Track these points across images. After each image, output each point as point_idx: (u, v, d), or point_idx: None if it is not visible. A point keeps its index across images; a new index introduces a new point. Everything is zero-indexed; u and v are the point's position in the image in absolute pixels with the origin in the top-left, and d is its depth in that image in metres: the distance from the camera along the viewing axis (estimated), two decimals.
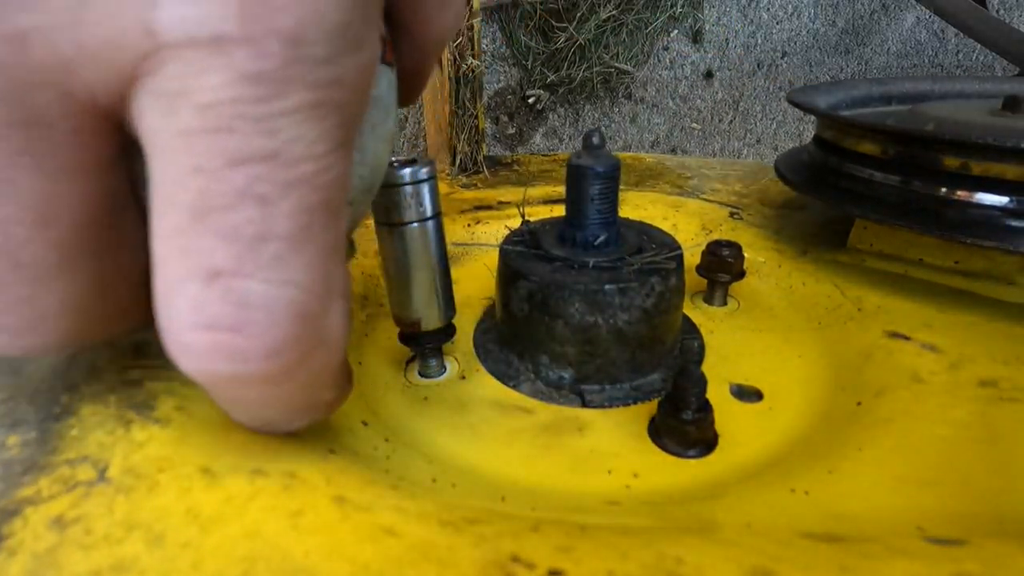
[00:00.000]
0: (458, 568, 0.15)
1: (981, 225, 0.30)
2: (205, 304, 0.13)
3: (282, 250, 0.14)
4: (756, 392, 0.29)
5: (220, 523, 0.15)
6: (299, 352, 0.15)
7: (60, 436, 0.18)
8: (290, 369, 0.15)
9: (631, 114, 0.76)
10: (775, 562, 0.15)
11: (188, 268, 0.13)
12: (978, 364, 0.27)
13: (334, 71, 0.13)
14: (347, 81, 0.14)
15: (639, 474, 0.24)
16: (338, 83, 0.14)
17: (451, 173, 0.56)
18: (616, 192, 0.29)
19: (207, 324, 0.14)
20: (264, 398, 0.16)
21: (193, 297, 0.13)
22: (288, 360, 0.15)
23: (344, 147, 0.14)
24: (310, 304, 0.14)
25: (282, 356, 0.14)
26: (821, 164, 0.39)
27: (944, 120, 0.36)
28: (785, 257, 0.39)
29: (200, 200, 0.13)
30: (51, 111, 0.12)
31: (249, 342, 0.14)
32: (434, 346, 0.30)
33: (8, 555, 0.14)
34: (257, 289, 0.13)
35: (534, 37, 0.63)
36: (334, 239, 0.15)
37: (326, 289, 0.15)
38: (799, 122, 0.89)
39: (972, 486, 0.21)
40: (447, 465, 0.25)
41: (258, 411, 0.17)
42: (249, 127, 0.12)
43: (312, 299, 0.14)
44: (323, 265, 0.15)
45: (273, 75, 0.12)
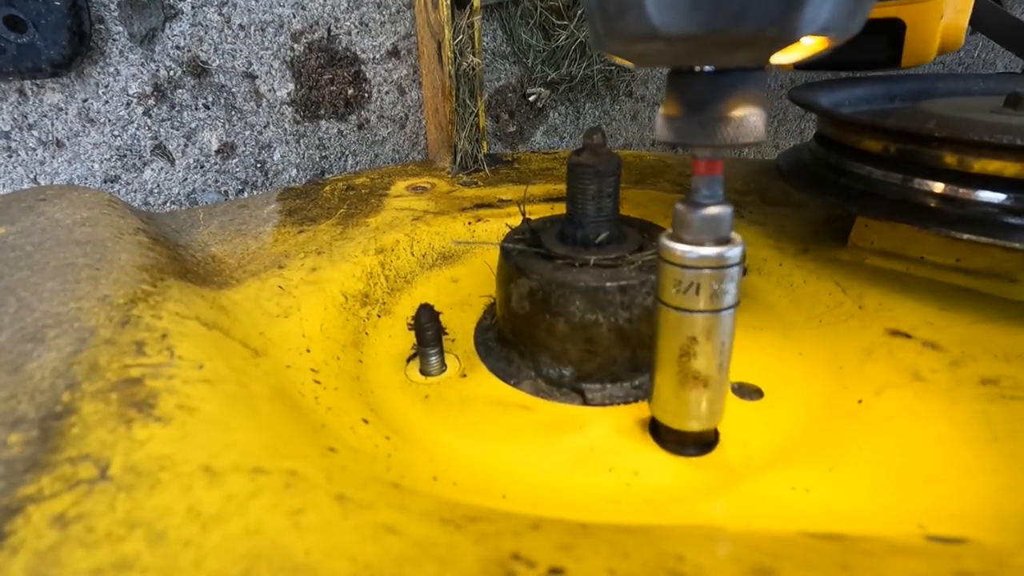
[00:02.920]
0: (459, 566, 0.15)
1: (981, 222, 0.30)
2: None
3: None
4: (756, 390, 0.29)
5: (221, 521, 0.15)
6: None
7: (61, 434, 0.18)
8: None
9: (632, 112, 0.76)
10: (776, 560, 0.15)
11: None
12: (979, 362, 0.27)
13: None
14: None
15: (640, 472, 0.24)
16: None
17: (452, 171, 0.56)
18: (617, 190, 0.29)
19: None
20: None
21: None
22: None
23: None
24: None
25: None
26: (822, 162, 0.39)
27: (945, 118, 0.36)
28: (786, 255, 0.39)
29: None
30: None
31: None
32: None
33: (10, 553, 0.14)
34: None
35: (535, 35, 0.62)
36: None
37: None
38: (800, 120, 0.89)
39: (973, 484, 0.21)
40: (448, 463, 0.25)
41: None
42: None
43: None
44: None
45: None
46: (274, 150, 0.58)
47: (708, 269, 0.21)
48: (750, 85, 0.18)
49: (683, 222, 0.21)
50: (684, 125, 0.19)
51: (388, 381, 0.31)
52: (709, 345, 0.22)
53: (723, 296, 0.21)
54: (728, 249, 0.21)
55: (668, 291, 0.22)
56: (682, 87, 0.19)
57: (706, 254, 0.20)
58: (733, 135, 0.18)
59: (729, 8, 0.15)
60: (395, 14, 0.59)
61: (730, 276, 0.21)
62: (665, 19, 0.16)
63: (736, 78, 0.18)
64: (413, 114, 0.64)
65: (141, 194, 0.54)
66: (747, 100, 0.18)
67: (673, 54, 0.18)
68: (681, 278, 0.21)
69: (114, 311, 0.24)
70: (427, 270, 0.41)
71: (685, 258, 0.21)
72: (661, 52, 0.18)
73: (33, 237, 0.30)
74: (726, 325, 0.22)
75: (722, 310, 0.21)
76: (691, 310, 0.21)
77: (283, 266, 0.36)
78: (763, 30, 0.15)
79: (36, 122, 0.48)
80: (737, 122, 0.18)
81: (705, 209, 0.20)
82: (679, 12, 0.15)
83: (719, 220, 0.20)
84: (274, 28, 0.54)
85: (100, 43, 0.48)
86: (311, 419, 0.25)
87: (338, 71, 0.58)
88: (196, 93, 0.53)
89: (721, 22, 0.15)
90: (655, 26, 0.16)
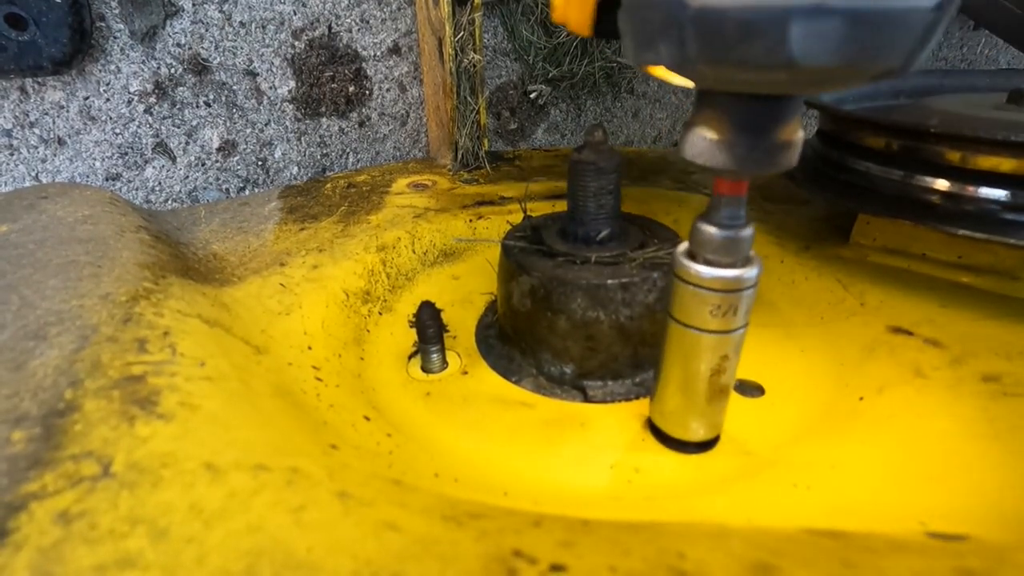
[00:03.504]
0: (460, 563, 0.15)
1: (983, 219, 0.30)
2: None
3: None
4: (758, 387, 0.29)
5: (224, 518, 0.16)
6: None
7: (64, 432, 0.18)
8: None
9: (633, 109, 0.76)
10: (777, 557, 0.15)
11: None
12: (981, 359, 0.27)
13: None
14: None
15: (641, 469, 0.24)
16: None
17: (453, 168, 0.56)
18: (618, 187, 0.29)
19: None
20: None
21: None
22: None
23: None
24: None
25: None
26: (824, 159, 0.39)
27: (947, 114, 0.36)
28: (787, 252, 0.39)
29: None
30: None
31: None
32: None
33: (14, 549, 0.14)
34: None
35: (536, 32, 0.62)
36: None
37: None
38: (802, 116, 0.89)
39: (974, 481, 0.21)
40: (449, 460, 0.25)
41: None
42: None
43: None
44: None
45: None
46: (275, 148, 0.58)
47: (724, 291, 0.20)
48: (800, 108, 0.17)
49: (703, 242, 0.20)
50: (737, 151, 0.17)
51: (389, 378, 0.31)
52: (718, 364, 0.22)
53: (736, 317, 0.21)
54: (746, 271, 0.20)
55: (680, 308, 0.21)
56: (737, 111, 0.17)
57: (724, 275, 0.20)
58: (786, 161, 0.18)
59: (875, 43, 0.14)
60: (396, 11, 0.58)
61: (745, 298, 0.21)
62: (808, 51, 0.14)
63: (796, 102, 0.17)
64: (414, 111, 0.64)
65: (143, 192, 0.54)
66: (798, 124, 0.18)
67: (788, 84, 0.16)
68: (695, 297, 0.21)
69: (116, 309, 0.24)
70: (428, 267, 0.41)
71: (701, 278, 0.20)
72: (775, 82, 0.16)
73: (35, 235, 0.30)
74: (736, 344, 0.22)
75: (734, 330, 0.21)
76: (703, 329, 0.21)
77: (284, 264, 0.36)
78: (890, 64, 0.14)
79: (37, 120, 0.48)
80: (789, 147, 0.17)
81: (728, 231, 0.20)
82: (827, 45, 0.14)
83: (741, 243, 0.20)
84: (275, 25, 0.54)
85: (101, 41, 0.48)
86: (313, 416, 0.25)
87: (339, 68, 0.58)
88: (197, 91, 0.53)
89: (864, 56, 0.14)
90: (794, 58, 0.14)
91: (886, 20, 0.14)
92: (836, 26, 0.14)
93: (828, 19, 0.14)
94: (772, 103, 0.17)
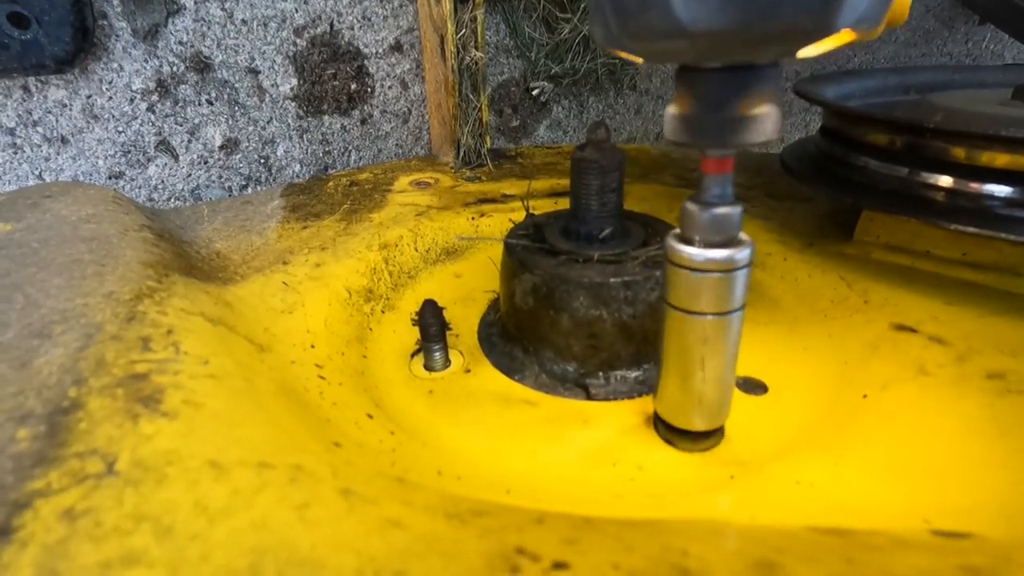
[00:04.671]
0: (463, 560, 0.15)
1: (988, 216, 0.30)
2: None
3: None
4: (761, 385, 0.29)
5: (228, 515, 0.16)
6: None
7: (69, 429, 0.18)
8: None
9: (636, 105, 0.75)
10: (780, 554, 0.15)
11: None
12: (985, 356, 0.27)
13: None
14: None
15: (644, 466, 0.24)
16: None
17: (455, 166, 0.56)
18: (621, 185, 0.29)
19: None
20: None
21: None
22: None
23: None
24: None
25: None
26: (827, 155, 0.39)
27: (951, 110, 0.36)
28: (791, 249, 0.39)
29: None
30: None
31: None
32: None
33: (20, 547, 0.14)
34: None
35: (538, 28, 0.62)
36: None
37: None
38: (805, 113, 0.88)
39: (978, 479, 0.21)
40: (452, 458, 0.25)
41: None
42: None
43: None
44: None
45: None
46: (277, 145, 0.58)
47: (717, 272, 0.20)
48: (767, 82, 0.18)
49: (692, 223, 0.20)
50: (698, 125, 0.18)
51: (392, 376, 0.31)
52: (716, 348, 0.22)
53: (731, 299, 0.21)
54: (737, 251, 0.20)
55: (675, 293, 0.21)
56: (695, 85, 0.18)
57: (715, 256, 0.20)
58: (750, 135, 0.18)
59: (764, 3, 0.14)
60: (398, 8, 0.58)
61: (739, 279, 0.21)
62: (693, 15, 0.15)
63: (753, 75, 0.17)
64: (416, 109, 0.64)
65: (145, 190, 0.54)
66: (764, 98, 0.18)
67: (696, 52, 0.17)
68: (689, 281, 0.21)
69: (120, 307, 0.24)
70: (431, 265, 0.41)
71: (693, 261, 0.20)
72: (683, 50, 0.17)
73: (39, 234, 0.30)
74: (733, 328, 0.21)
75: (730, 312, 0.21)
76: (699, 312, 0.21)
77: (287, 262, 0.36)
78: (798, 23, 0.15)
79: (41, 119, 0.49)
80: (754, 121, 0.18)
81: (716, 209, 0.20)
82: (709, 7, 0.14)
83: (730, 221, 0.20)
84: (277, 23, 0.54)
85: (103, 39, 0.48)
86: (316, 414, 0.25)
87: (341, 66, 0.58)
88: (199, 89, 0.53)
89: (754, 16, 0.14)
90: (681, 23, 0.15)
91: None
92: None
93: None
94: (725, 75, 0.17)
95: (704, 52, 0.17)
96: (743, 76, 0.17)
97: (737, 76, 0.17)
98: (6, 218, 0.32)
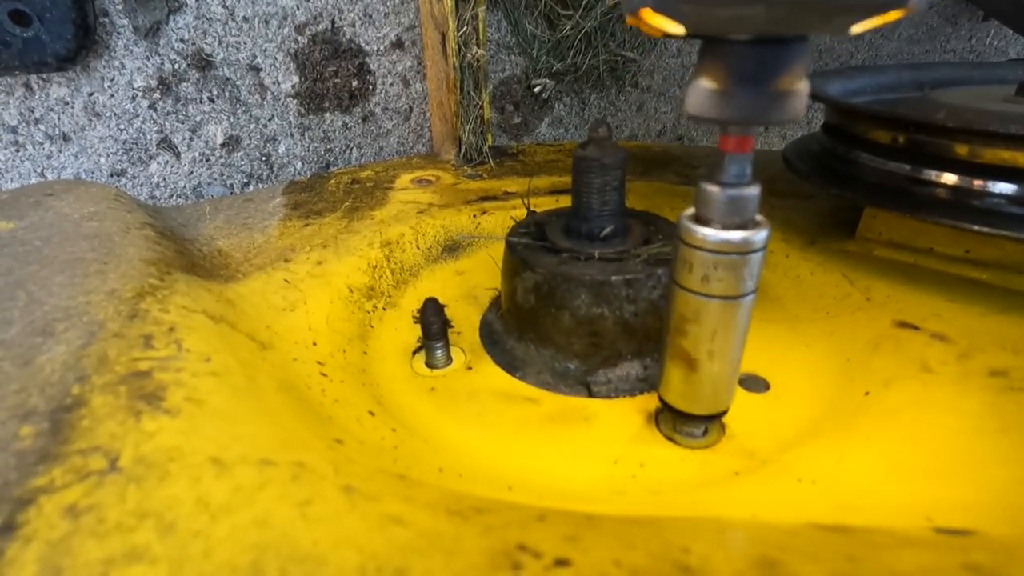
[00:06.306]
0: (465, 557, 0.15)
1: (991, 213, 0.30)
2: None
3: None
4: (763, 382, 0.29)
5: (230, 512, 0.16)
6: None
7: (72, 427, 0.18)
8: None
9: (638, 103, 0.75)
10: (782, 552, 0.15)
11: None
12: (988, 354, 0.26)
13: None
14: None
15: (645, 464, 0.24)
16: None
17: (456, 164, 0.56)
18: (623, 183, 0.29)
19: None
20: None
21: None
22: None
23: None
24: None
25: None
26: (830, 152, 0.39)
27: (954, 107, 0.36)
28: (793, 247, 0.39)
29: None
30: None
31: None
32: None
33: (23, 543, 0.14)
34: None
35: (539, 25, 0.62)
36: None
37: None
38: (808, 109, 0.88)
39: (981, 476, 0.21)
40: (454, 455, 0.25)
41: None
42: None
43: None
44: None
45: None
46: (279, 143, 0.58)
47: (733, 254, 0.20)
48: (803, 57, 0.17)
49: (709, 204, 0.19)
50: (728, 100, 0.17)
51: (394, 374, 0.31)
52: (726, 330, 0.21)
53: (746, 281, 0.20)
54: (755, 233, 0.19)
55: (688, 276, 0.21)
56: (730, 58, 0.17)
57: (732, 238, 0.19)
58: (782, 113, 0.17)
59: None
60: (399, 5, 0.58)
61: (754, 261, 0.20)
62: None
63: (793, 50, 0.16)
64: (417, 106, 0.64)
65: (147, 188, 0.54)
66: (799, 74, 0.17)
67: (765, 20, 0.15)
68: (702, 262, 0.20)
69: (122, 305, 0.24)
70: (432, 263, 0.41)
71: (709, 242, 0.20)
72: (751, 17, 0.15)
73: (41, 232, 0.30)
74: (746, 310, 0.21)
75: (742, 296, 0.20)
76: (710, 295, 0.20)
77: (289, 260, 0.36)
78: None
79: (42, 116, 0.49)
80: (787, 97, 0.17)
81: (733, 190, 0.19)
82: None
83: (748, 202, 0.19)
84: (278, 20, 0.54)
85: (105, 37, 0.48)
86: (318, 411, 0.25)
87: (342, 63, 0.58)
88: (201, 86, 0.53)
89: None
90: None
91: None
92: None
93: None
94: (770, 48, 0.16)
95: (775, 20, 0.15)
96: (783, 50, 0.16)
97: (777, 50, 0.16)
98: (8, 216, 0.32)
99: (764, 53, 0.17)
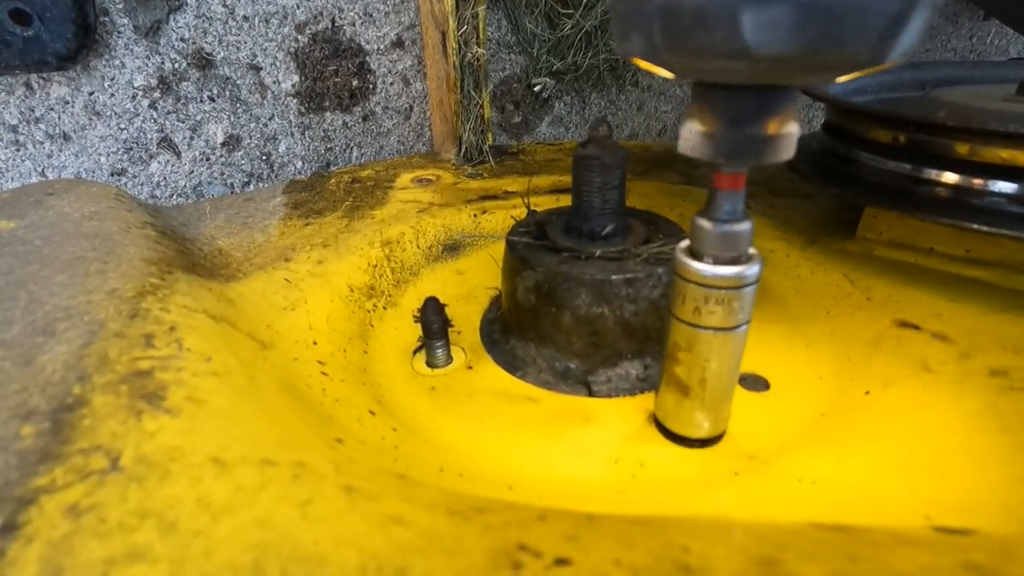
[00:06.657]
0: (466, 556, 0.15)
1: (992, 212, 0.30)
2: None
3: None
4: (763, 381, 0.29)
5: (231, 512, 0.16)
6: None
7: (73, 426, 0.18)
8: None
9: (638, 102, 0.75)
10: (782, 551, 0.15)
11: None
12: (988, 354, 0.26)
13: None
14: None
15: (645, 463, 0.24)
16: None
17: (457, 163, 0.56)
18: (623, 182, 0.29)
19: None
20: None
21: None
22: None
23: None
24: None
25: None
26: (830, 152, 0.39)
27: (955, 106, 0.36)
28: (793, 246, 0.39)
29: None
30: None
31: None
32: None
33: (25, 543, 0.14)
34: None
35: (540, 24, 0.62)
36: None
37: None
38: (808, 109, 0.88)
39: (981, 476, 0.21)
40: (454, 454, 0.25)
41: None
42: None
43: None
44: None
45: None
46: (279, 142, 0.58)
47: (726, 289, 0.20)
48: (793, 101, 0.17)
49: (703, 239, 0.20)
50: (720, 142, 0.18)
51: (394, 373, 0.31)
52: (720, 360, 0.22)
53: (738, 314, 0.21)
54: (747, 268, 0.20)
55: (681, 307, 0.21)
56: (722, 103, 0.17)
57: (725, 273, 0.20)
58: (774, 154, 0.18)
59: (831, 32, 0.14)
60: (399, 4, 0.58)
61: (746, 295, 0.20)
62: (761, 39, 0.14)
63: (783, 95, 0.17)
64: (418, 105, 0.64)
65: (148, 187, 0.54)
66: (789, 117, 0.17)
67: (749, 73, 0.16)
68: (695, 295, 0.21)
69: (123, 304, 0.24)
70: (433, 262, 0.41)
71: (702, 276, 0.20)
72: (736, 71, 0.16)
73: (42, 231, 0.30)
74: (739, 341, 0.22)
75: (735, 328, 0.21)
76: (705, 327, 0.21)
77: (289, 259, 0.36)
78: (858, 55, 0.15)
79: (43, 116, 0.49)
80: (778, 140, 0.17)
81: (726, 226, 0.20)
82: (779, 33, 0.14)
83: (741, 238, 0.20)
84: (278, 19, 0.54)
85: (105, 36, 0.48)
86: (318, 411, 0.25)
87: (342, 62, 0.58)
88: (201, 85, 0.53)
89: (822, 44, 0.14)
90: (747, 46, 0.14)
91: (843, 8, 0.14)
92: (787, 13, 0.14)
93: (778, 7, 0.14)
94: (760, 95, 0.17)
95: (758, 74, 0.16)
96: (774, 96, 0.17)
97: (768, 96, 0.17)
98: (9, 215, 0.32)
99: (754, 98, 0.17)
